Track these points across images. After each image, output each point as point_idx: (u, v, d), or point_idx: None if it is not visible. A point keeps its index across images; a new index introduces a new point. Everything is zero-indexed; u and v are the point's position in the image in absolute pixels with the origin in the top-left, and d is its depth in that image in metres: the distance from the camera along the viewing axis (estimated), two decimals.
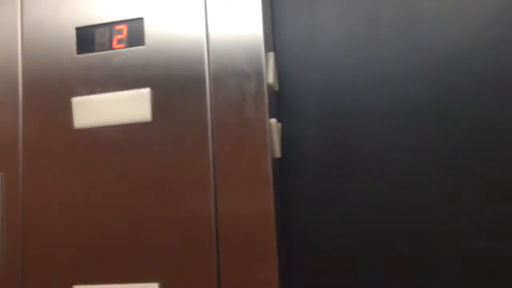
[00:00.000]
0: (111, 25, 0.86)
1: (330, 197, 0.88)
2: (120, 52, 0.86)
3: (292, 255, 0.88)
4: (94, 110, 0.85)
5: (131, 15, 0.86)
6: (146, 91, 0.84)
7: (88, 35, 0.87)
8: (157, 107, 0.84)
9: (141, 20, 0.86)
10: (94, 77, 0.86)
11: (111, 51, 0.86)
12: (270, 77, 0.82)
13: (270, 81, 0.82)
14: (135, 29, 0.86)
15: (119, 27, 0.86)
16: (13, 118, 0.89)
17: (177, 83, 0.83)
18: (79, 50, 0.87)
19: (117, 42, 0.86)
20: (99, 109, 0.85)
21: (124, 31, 0.86)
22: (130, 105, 0.84)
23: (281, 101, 0.91)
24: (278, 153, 0.83)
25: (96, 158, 0.85)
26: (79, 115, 0.86)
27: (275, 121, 0.82)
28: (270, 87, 0.82)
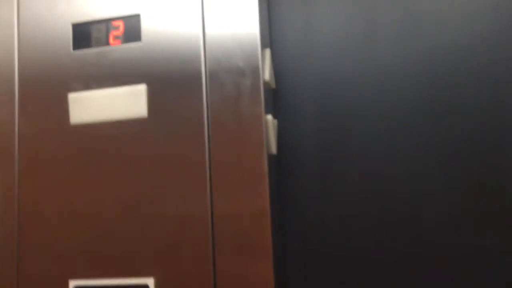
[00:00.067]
0: (107, 21, 0.87)
1: (326, 194, 0.88)
2: (116, 48, 0.86)
3: (287, 252, 0.88)
4: (90, 106, 0.85)
5: (127, 12, 0.86)
6: (142, 87, 0.84)
7: (84, 31, 0.87)
8: (153, 104, 0.84)
9: (138, 16, 0.86)
10: (90, 73, 0.86)
11: (107, 47, 0.86)
12: (266, 73, 0.82)
13: (266, 77, 0.82)
14: (132, 25, 0.86)
15: (115, 23, 0.86)
16: (9, 113, 0.89)
17: (174, 80, 0.83)
18: (75, 45, 0.87)
19: (114, 38, 0.86)
20: (95, 105, 0.85)
21: (120, 27, 0.86)
22: (126, 101, 0.84)
23: (277, 98, 0.91)
24: (274, 150, 0.83)
25: (92, 153, 0.85)
26: (75, 111, 0.86)
27: (271, 117, 0.82)
28: (266, 83, 0.82)
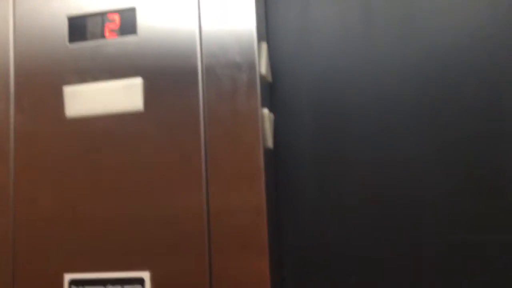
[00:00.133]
0: (103, 14, 0.86)
1: (323, 189, 0.88)
2: (112, 41, 0.85)
3: (284, 248, 0.88)
4: (86, 99, 0.85)
5: (123, 5, 0.86)
6: (138, 81, 0.83)
7: (80, 24, 0.87)
8: (149, 97, 0.83)
9: (133, 9, 0.85)
10: (86, 66, 0.86)
11: (103, 40, 0.86)
12: (262, 67, 0.82)
13: (262, 71, 0.82)
14: (128, 18, 0.85)
15: (111, 16, 0.86)
16: (4, 107, 0.88)
17: (169, 74, 0.83)
18: (71, 39, 0.87)
19: (109, 31, 0.86)
20: (91, 98, 0.85)
21: (116, 21, 0.85)
22: (122, 95, 0.84)
23: (274, 94, 0.91)
24: (270, 144, 0.83)
25: (87, 147, 0.84)
26: (71, 104, 0.86)
27: (267, 111, 0.82)
28: (262, 77, 0.82)
